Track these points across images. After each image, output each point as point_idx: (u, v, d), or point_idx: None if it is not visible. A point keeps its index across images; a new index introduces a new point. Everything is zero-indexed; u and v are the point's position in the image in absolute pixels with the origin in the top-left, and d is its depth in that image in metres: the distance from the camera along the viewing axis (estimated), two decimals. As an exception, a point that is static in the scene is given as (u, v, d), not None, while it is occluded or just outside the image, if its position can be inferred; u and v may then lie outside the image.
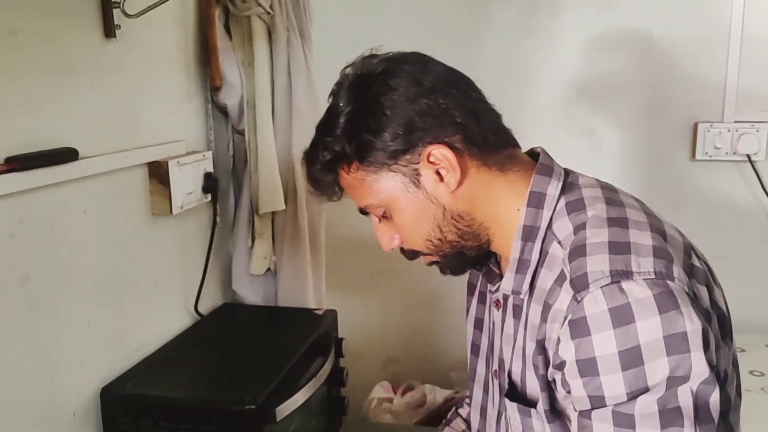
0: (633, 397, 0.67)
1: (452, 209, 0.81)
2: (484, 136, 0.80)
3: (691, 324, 0.67)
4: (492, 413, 0.95)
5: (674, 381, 0.66)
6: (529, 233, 0.80)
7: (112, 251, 1.16)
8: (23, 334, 0.97)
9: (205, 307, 1.44)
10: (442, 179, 0.80)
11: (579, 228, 0.76)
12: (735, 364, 0.81)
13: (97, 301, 1.12)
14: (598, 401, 0.70)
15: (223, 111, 1.49)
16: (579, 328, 0.70)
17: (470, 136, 0.79)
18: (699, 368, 0.67)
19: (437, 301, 2.07)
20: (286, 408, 1.10)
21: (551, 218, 0.80)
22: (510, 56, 1.88)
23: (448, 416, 1.20)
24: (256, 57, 1.44)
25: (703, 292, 0.73)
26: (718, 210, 1.83)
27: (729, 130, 1.76)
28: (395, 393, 1.91)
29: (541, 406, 0.80)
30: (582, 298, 0.70)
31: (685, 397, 0.66)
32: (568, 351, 0.71)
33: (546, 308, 0.76)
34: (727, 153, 1.78)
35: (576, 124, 1.87)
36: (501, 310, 0.89)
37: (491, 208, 0.83)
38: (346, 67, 0.83)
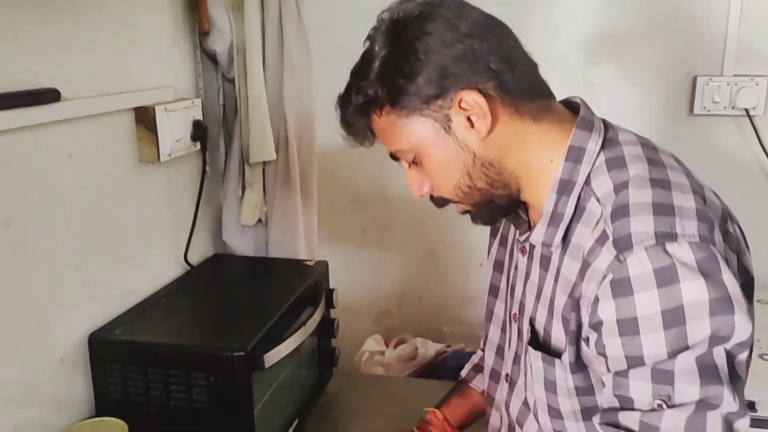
0: (673, 355, 0.68)
1: (482, 156, 0.80)
2: (518, 85, 0.79)
3: (734, 288, 0.68)
4: (509, 353, 0.96)
5: (715, 341, 0.67)
6: (564, 187, 0.79)
7: (98, 197, 1.14)
8: (7, 277, 0.96)
9: (195, 257, 1.43)
10: (473, 126, 0.78)
11: (620, 187, 0.75)
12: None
13: (84, 247, 1.11)
14: (636, 361, 0.70)
15: (212, 58, 1.45)
16: (621, 287, 0.70)
17: (504, 84, 0.78)
18: (742, 330, 0.68)
19: (431, 256, 2.07)
20: (274, 355, 1.10)
21: (589, 174, 0.79)
22: (508, 7, 1.83)
23: (465, 376, 1.18)
24: (245, 2, 1.40)
25: (732, 258, 0.74)
26: (715, 165, 1.80)
27: (728, 84, 1.73)
28: (387, 346, 1.92)
29: (567, 357, 0.80)
30: (625, 258, 0.70)
31: (720, 357, 0.68)
32: (607, 310, 0.71)
33: (585, 266, 0.75)
34: (725, 107, 1.75)
35: (574, 77, 1.83)
36: (527, 257, 0.89)
37: (522, 158, 0.81)
38: (383, 12, 0.81)
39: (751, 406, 1.30)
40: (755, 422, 1.30)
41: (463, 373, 1.18)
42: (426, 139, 0.80)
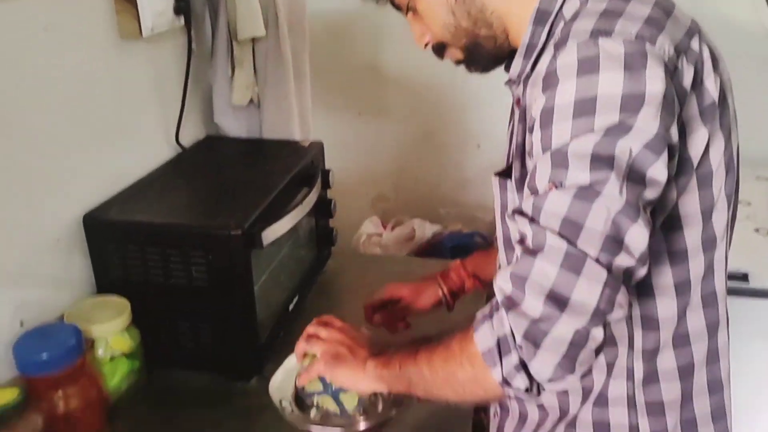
0: (574, 138, 0.67)
1: None
2: None
3: (654, 86, 0.66)
4: None
5: (616, 130, 0.65)
6: (541, 17, 0.79)
7: (81, 74, 1.09)
8: (-7, 157, 0.93)
9: (187, 140, 1.40)
10: None
11: (583, 4, 0.75)
12: (731, 164, 0.79)
13: (70, 125, 1.08)
14: (546, 150, 0.69)
15: (192, -76, 1.35)
16: (549, 79, 0.70)
17: None
18: (645, 124, 0.66)
19: (427, 138, 2.04)
20: (271, 234, 1.09)
21: (564, 1, 0.78)
22: None
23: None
24: None
25: (688, 71, 0.71)
26: (722, 36, 1.74)
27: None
28: (384, 229, 1.93)
29: (514, 175, 0.82)
30: (559, 54, 0.69)
31: (621, 151, 0.66)
32: (539, 107, 0.71)
33: (532, 74, 0.77)
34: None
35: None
36: (519, 107, 0.88)
37: None
38: None
39: (744, 277, 1.33)
40: (748, 293, 1.33)
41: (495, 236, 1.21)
42: None
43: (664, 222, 0.75)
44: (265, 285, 1.17)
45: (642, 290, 0.78)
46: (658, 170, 0.67)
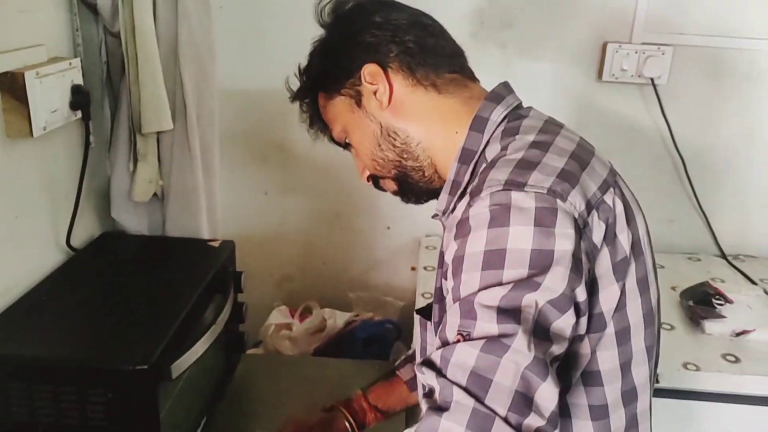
0: (482, 289, 0.67)
1: (387, 126, 0.86)
2: (422, 59, 0.84)
3: (562, 245, 0.67)
4: None
5: (523, 285, 0.65)
6: (466, 156, 0.82)
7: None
8: None
9: (79, 240, 1.26)
10: (376, 96, 0.85)
11: (503, 150, 0.77)
12: (650, 316, 0.80)
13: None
14: (455, 300, 0.69)
15: (92, 8, 1.24)
16: (462, 228, 0.71)
17: (406, 56, 0.84)
18: (552, 283, 0.66)
19: (335, 220, 1.98)
20: (183, 363, 0.99)
21: (487, 142, 0.81)
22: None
23: (396, 365, 1.18)
24: (131, -58, 1.20)
25: (599, 227, 0.72)
26: (618, 131, 1.83)
27: (636, 52, 1.73)
28: (293, 317, 1.83)
29: (434, 318, 0.83)
30: (474, 203, 0.71)
31: (527, 306, 0.65)
32: (451, 253, 0.71)
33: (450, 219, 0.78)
34: (632, 75, 1.76)
35: (487, 37, 1.76)
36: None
37: (427, 128, 0.85)
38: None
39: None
40: (659, 392, 1.36)
41: (396, 363, 1.19)
42: (345, 116, 0.88)
43: (582, 376, 0.75)
44: (171, 412, 1.05)
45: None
46: (561, 326, 0.66)
